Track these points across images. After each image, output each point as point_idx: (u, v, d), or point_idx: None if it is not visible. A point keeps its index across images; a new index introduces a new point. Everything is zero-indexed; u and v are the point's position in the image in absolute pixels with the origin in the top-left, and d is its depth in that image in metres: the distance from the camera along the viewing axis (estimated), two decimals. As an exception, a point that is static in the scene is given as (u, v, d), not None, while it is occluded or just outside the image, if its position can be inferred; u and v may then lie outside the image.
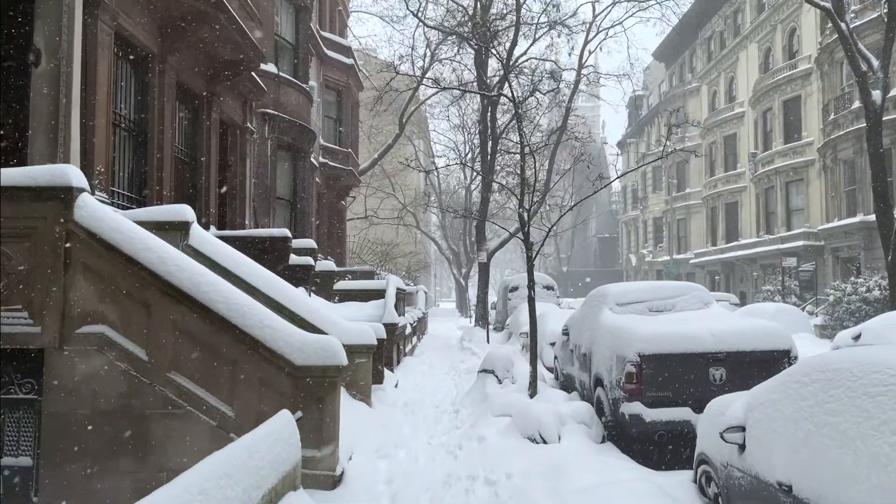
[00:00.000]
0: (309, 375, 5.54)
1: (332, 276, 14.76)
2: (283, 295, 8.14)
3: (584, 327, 9.21)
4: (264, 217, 15.45)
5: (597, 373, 8.07)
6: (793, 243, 29.80)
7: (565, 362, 10.37)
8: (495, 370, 10.01)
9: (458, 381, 12.44)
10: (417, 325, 20.18)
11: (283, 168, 16.59)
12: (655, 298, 8.68)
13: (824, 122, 27.86)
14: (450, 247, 47.81)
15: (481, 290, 22.37)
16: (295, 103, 16.53)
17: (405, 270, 30.57)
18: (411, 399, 10.10)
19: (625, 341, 7.22)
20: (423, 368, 14.37)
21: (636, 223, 58.01)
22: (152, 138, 10.23)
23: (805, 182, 30.45)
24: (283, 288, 8.28)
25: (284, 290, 8.25)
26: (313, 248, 14.53)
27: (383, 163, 37.01)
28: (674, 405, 6.87)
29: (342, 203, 26.53)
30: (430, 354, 17.68)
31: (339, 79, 23.62)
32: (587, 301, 9.68)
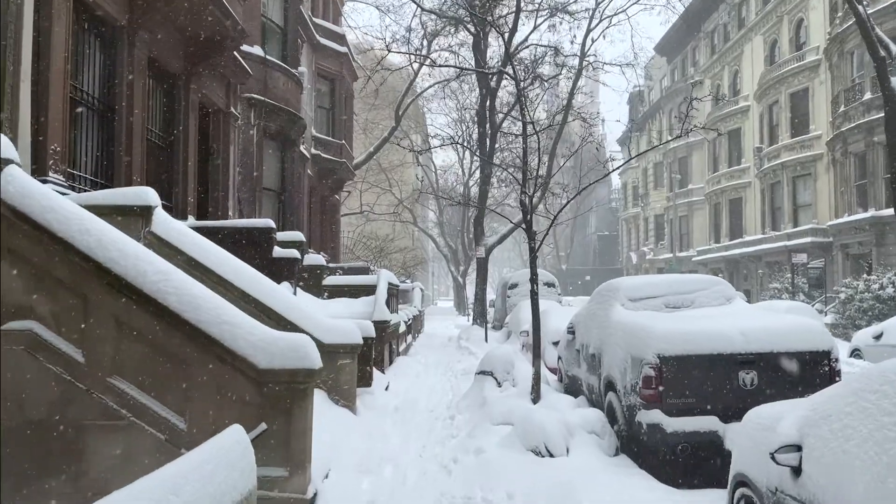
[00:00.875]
0: (275, 380, 4.69)
1: (321, 270, 13.91)
2: (260, 289, 7.30)
3: (593, 325, 8.37)
4: (250, 208, 14.60)
5: (608, 376, 7.23)
6: (800, 240, 28.99)
7: (570, 363, 9.53)
8: (494, 372, 9.16)
9: (454, 383, 11.60)
10: (412, 323, 19.32)
11: (270, 157, 15.73)
12: (672, 293, 7.84)
13: (833, 115, 27.03)
14: (447, 244, 46.97)
15: (479, 287, 21.53)
16: (283, 89, 15.67)
17: (400, 266, 29.69)
18: (403, 403, 9.26)
19: (642, 341, 6.37)
20: (417, 369, 13.52)
21: (637, 220, 57.20)
22: (121, 118, 9.38)
23: (813, 177, 29.63)
24: (260, 281, 7.43)
25: (261, 283, 7.40)
26: (301, 242, 13.68)
27: (380, 158, 36.18)
28: (698, 413, 6.03)
29: (336, 197, 25.68)
30: (425, 354, 16.84)
31: (333, 67, 22.76)
32: (595, 297, 8.84)
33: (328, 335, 7.16)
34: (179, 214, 11.28)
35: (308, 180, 20.83)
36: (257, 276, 7.43)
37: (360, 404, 7.84)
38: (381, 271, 12.29)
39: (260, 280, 7.41)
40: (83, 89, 8.71)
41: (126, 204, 6.90)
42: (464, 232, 44.85)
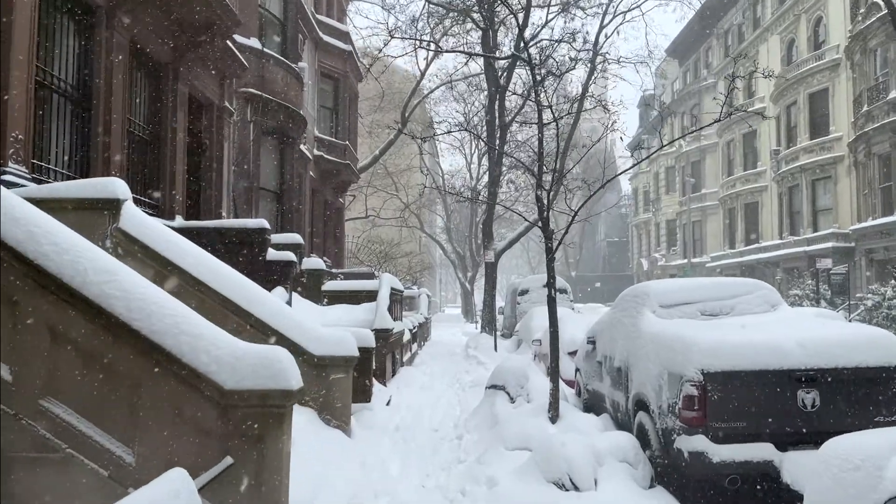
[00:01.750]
0: (243, 404, 3.82)
1: (320, 275, 13.07)
2: (243, 294, 6.45)
3: (617, 335, 7.47)
4: (245, 209, 13.78)
5: (638, 393, 6.33)
6: (820, 245, 27.96)
7: (591, 377, 8.63)
8: (506, 386, 8.28)
9: (462, 397, 10.71)
10: (418, 330, 18.45)
11: (268, 156, 14.92)
12: (709, 299, 6.94)
13: (856, 115, 26.05)
14: (455, 250, 46.09)
15: (488, 293, 20.63)
16: (282, 84, 14.87)
17: (406, 271, 28.81)
18: (405, 420, 8.38)
19: (682, 354, 5.47)
20: (422, 380, 12.64)
21: (648, 226, 56.18)
22: (98, 107, 8.57)
23: (833, 180, 28.61)
24: (244, 286, 6.58)
25: (244, 288, 6.55)
26: (299, 244, 12.85)
27: (386, 162, 35.39)
28: (749, 440, 5.12)
29: (340, 200, 24.87)
30: (431, 364, 15.95)
31: (336, 66, 21.98)
32: (619, 303, 7.94)
33: (319, 346, 6.30)
34: (166, 214, 10.47)
35: (310, 182, 20.03)
36: (240, 280, 6.57)
37: (356, 423, 6.97)
38: (383, 275, 11.44)
39: (243, 284, 6.56)
40: (54, 74, 7.91)
41: (90, 197, 6.07)
42: (471, 237, 43.97)
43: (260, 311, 6.36)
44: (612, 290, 63.32)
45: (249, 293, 6.49)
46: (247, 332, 6.29)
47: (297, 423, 5.34)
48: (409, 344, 15.09)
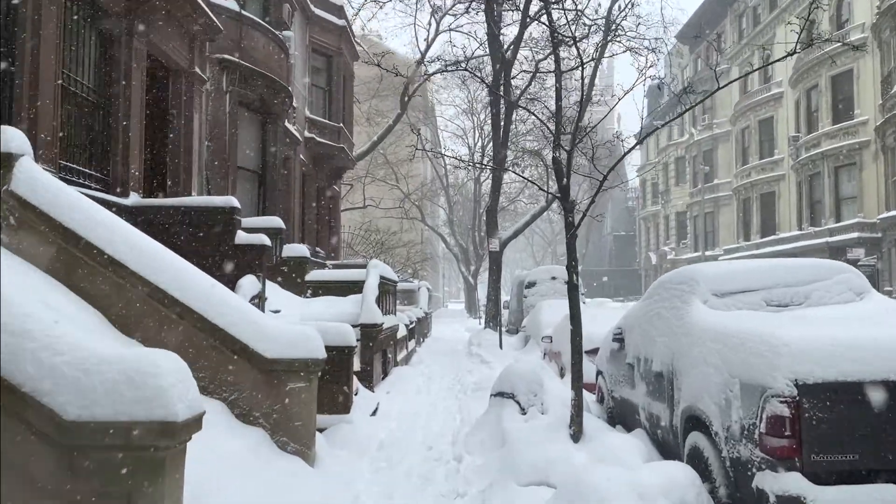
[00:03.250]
0: (95, 444, 2.34)
1: (303, 264, 11.60)
2: (177, 279, 4.96)
3: (655, 331, 5.98)
4: (221, 189, 12.30)
5: (690, 407, 4.84)
6: (844, 235, 26.39)
7: (618, 382, 7.13)
8: (516, 394, 6.79)
9: (463, 403, 9.22)
10: (416, 326, 16.98)
11: (247, 131, 13.43)
12: (776, 285, 5.43)
13: (884, 97, 24.43)
14: (458, 243, 44.58)
15: (492, 285, 19.11)
16: (263, 52, 13.37)
17: (404, 262, 27.27)
18: (393, 436, 6.89)
19: (762, 357, 3.97)
20: (418, 382, 11.15)
21: (656, 219, 54.57)
22: (22, 58, 7.10)
23: (858, 166, 26.99)
24: (179, 269, 5.09)
25: (180, 271, 5.06)
26: (278, 229, 11.39)
27: (386, 152, 33.87)
28: (865, 479, 3.64)
29: (335, 188, 23.38)
30: (430, 363, 14.47)
31: (329, 42, 20.46)
32: (655, 292, 6.45)
33: (271, 346, 4.82)
34: (117, 190, 8.99)
35: (300, 166, 18.55)
36: (175, 263, 5.09)
37: (325, 444, 5.49)
38: (371, 263, 9.96)
39: (179, 267, 5.07)
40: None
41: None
42: (474, 230, 42.48)
43: (197, 302, 4.87)
44: (620, 285, 61.82)
45: (186, 279, 5.00)
46: (177, 327, 4.82)
47: (236, 450, 3.88)
48: (405, 341, 13.61)
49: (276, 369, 4.85)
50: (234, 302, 5.03)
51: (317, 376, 5.09)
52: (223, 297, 5.03)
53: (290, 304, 10.71)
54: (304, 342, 4.91)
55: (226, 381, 4.85)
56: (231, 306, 4.94)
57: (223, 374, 4.85)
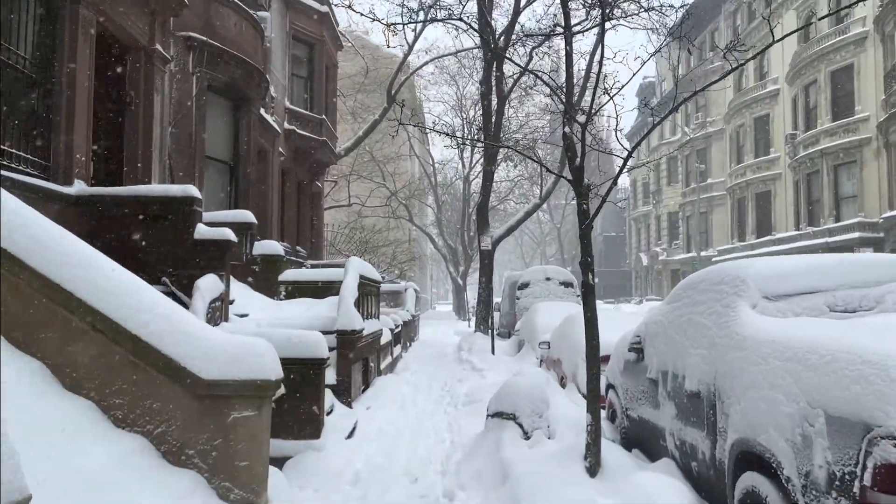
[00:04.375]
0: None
1: (276, 262, 10.50)
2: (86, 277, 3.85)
3: (688, 341, 4.95)
4: (186, 181, 11.15)
5: (744, 440, 3.81)
6: (844, 235, 25.58)
7: (635, 399, 6.10)
8: (518, 414, 5.73)
9: (454, 418, 8.16)
10: (402, 330, 15.89)
11: (218, 118, 12.29)
12: (840, 285, 4.42)
13: (887, 92, 23.64)
14: (446, 243, 43.50)
15: (484, 286, 18.04)
16: (235, 31, 12.24)
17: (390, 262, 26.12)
18: (370, 464, 5.81)
19: (863, 383, 2.94)
20: (403, 394, 10.07)
21: (647, 220, 53.81)
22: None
23: (859, 164, 26.21)
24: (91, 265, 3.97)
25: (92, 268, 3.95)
26: (249, 224, 10.30)
27: (373, 149, 32.76)
28: None
29: (317, 184, 22.22)
30: (416, 370, 13.39)
31: (311, 30, 19.33)
32: (684, 293, 5.42)
33: (210, 364, 3.73)
34: (59, 177, 7.86)
35: (280, 160, 17.42)
36: (87, 256, 3.98)
37: (284, 483, 4.41)
38: (350, 260, 8.86)
39: (91, 263, 3.96)
40: None
41: None
42: (463, 230, 41.44)
43: (115, 307, 3.77)
44: (611, 286, 60.98)
45: (99, 276, 3.89)
46: (88, 340, 3.72)
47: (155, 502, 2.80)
48: (389, 347, 12.52)
49: (215, 394, 3.76)
50: (165, 307, 3.93)
51: (270, 401, 4.00)
52: (151, 301, 3.93)
53: (261, 307, 9.62)
54: (253, 358, 3.82)
55: (150, 409, 3.76)
56: (158, 313, 3.84)
57: (147, 401, 3.77)
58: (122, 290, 3.90)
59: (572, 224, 65.36)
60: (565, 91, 5.26)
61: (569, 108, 5.18)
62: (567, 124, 5.20)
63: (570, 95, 5.25)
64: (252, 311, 9.26)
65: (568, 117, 5.13)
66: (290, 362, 5.67)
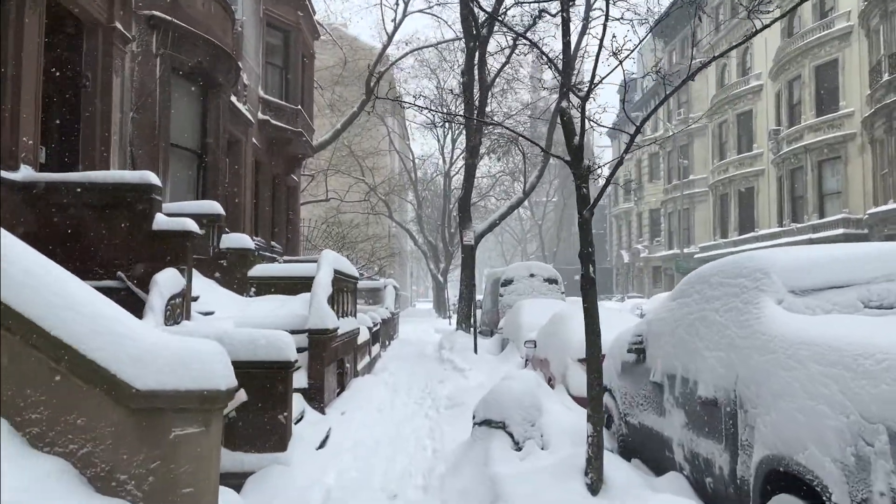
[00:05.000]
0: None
1: (245, 256, 9.84)
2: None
3: (702, 341, 4.42)
4: (149, 169, 10.43)
5: (777, 457, 3.27)
6: (828, 232, 25.37)
7: (636, 404, 5.56)
8: (508, 423, 5.16)
9: (435, 424, 7.58)
10: (381, 328, 15.28)
11: (184, 104, 11.58)
12: (877, 279, 3.90)
13: (872, 87, 23.42)
14: (426, 240, 42.87)
15: (465, 283, 17.45)
16: (203, 11, 11.54)
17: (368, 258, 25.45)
18: (344, 479, 5.21)
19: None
20: (381, 397, 9.47)
21: (628, 217, 53.62)
22: None
23: (843, 160, 26.01)
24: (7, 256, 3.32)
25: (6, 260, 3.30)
26: (216, 215, 9.64)
27: (351, 144, 32.04)
28: None
29: (293, 178, 21.50)
30: (396, 370, 12.79)
31: (286, 16, 18.61)
32: (693, 287, 4.89)
33: (146, 371, 3.11)
34: (3, 161, 7.15)
35: (253, 151, 16.71)
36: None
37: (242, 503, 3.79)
38: (324, 254, 8.24)
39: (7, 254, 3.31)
40: None
41: None
42: (444, 227, 40.84)
43: (31, 303, 3.13)
44: (591, 284, 60.60)
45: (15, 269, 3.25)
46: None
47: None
48: (367, 346, 11.90)
49: (152, 407, 3.14)
50: (91, 305, 3.29)
51: (220, 415, 3.38)
52: (74, 297, 3.29)
53: (228, 304, 8.96)
54: (198, 364, 3.20)
55: (73, 425, 3.14)
56: (82, 312, 3.20)
57: (69, 415, 3.14)
58: (41, 284, 3.26)
59: (553, 221, 65.04)
60: (563, 61, 4.70)
61: (566, 80, 4.61)
62: (563, 98, 4.64)
63: (567, 66, 4.69)
64: (218, 308, 8.61)
65: (566, 90, 4.57)
66: (254, 366, 5.06)
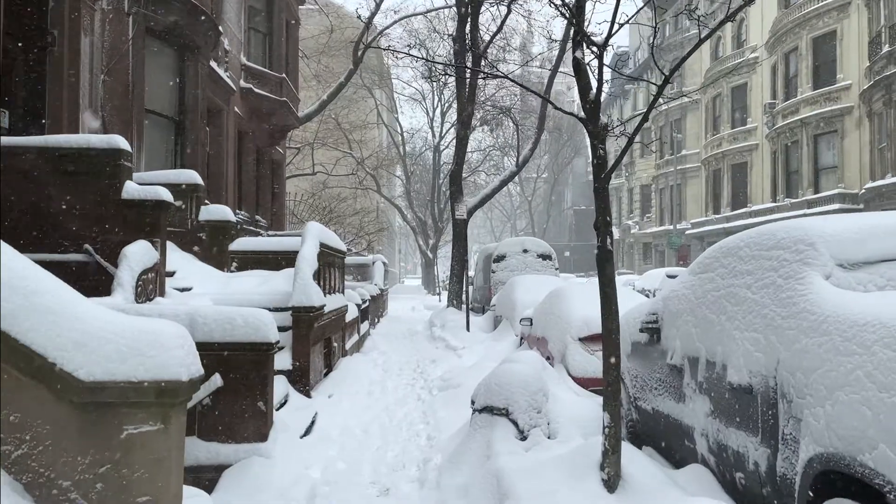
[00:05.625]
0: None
1: (225, 229, 9.27)
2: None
3: (731, 322, 3.95)
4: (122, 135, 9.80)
5: (835, 455, 2.81)
6: (824, 207, 25.03)
7: (649, 388, 5.12)
8: (512, 409, 4.70)
9: (429, 407, 7.13)
10: (371, 305, 14.80)
11: (160, 67, 10.91)
12: (938, 250, 3.43)
13: (872, 59, 22.93)
14: (416, 216, 42.27)
15: (456, 259, 16.95)
16: (179, -32, 10.81)
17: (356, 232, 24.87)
18: (331, 472, 4.74)
19: None
20: (370, 377, 8.99)
21: (619, 193, 53.19)
22: None
23: (840, 134, 25.60)
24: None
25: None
26: (194, 185, 9.05)
27: (339, 116, 31.26)
28: None
29: (278, 150, 20.81)
30: (386, 348, 12.33)
31: (270, -21, 17.81)
32: (719, 261, 4.42)
33: (91, 358, 2.59)
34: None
35: (236, 121, 16.04)
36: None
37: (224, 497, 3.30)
38: (308, 226, 7.69)
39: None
40: None
41: None
42: (433, 202, 40.25)
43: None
44: (581, 260, 60.43)
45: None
46: None
47: None
48: (356, 324, 11.42)
49: (100, 401, 2.63)
50: (27, 279, 2.76)
51: (183, 410, 2.87)
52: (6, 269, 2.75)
53: (207, 279, 8.41)
54: (156, 350, 2.68)
55: (6, 423, 2.63)
56: (15, 286, 2.67)
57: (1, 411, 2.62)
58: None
59: (542, 198, 64.49)
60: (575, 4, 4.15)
61: (580, 27, 4.07)
62: (577, 47, 4.10)
63: (581, 10, 4.14)
64: (197, 284, 8.07)
65: (580, 38, 4.03)
66: (231, 348, 4.56)
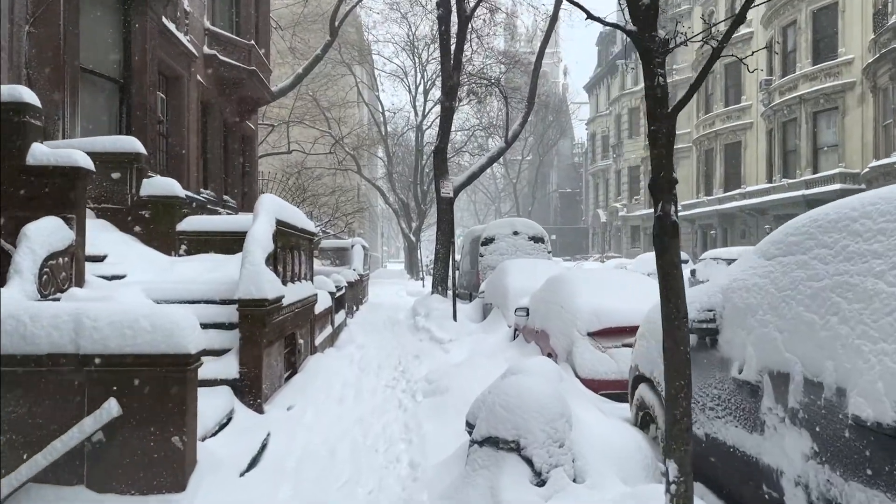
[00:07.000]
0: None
1: (172, 207, 7.89)
2: None
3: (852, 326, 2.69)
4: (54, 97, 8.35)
5: None
6: (823, 187, 24.01)
7: (703, 407, 3.88)
8: (525, 443, 3.43)
9: (412, 419, 5.86)
10: (347, 292, 13.48)
11: (98, 19, 9.43)
12: None
13: (877, 31, 21.81)
14: (398, 198, 40.85)
15: (441, 242, 15.61)
16: None
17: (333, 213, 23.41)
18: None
19: None
20: (344, 378, 7.70)
21: (606, 174, 52.06)
22: None
23: (840, 111, 24.53)
24: None
25: None
26: (135, 154, 7.69)
27: (316, 93, 29.66)
28: None
29: (249, 126, 19.29)
30: (363, 341, 11.03)
31: (236, -65, 16.24)
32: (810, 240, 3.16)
33: None
34: None
35: (200, 91, 14.55)
36: None
37: None
38: (261, 199, 6.33)
39: None
40: None
41: None
42: (416, 184, 38.86)
43: None
44: (567, 244, 59.34)
45: None
46: None
47: None
48: (329, 315, 10.10)
49: None
50: None
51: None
52: None
53: (147, 265, 7.05)
54: None
55: None
56: None
57: None
58: None
59: (528, 180, 63.22)
60: None
61: None
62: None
63: None
64: (132, 271, 6.72)
65: None
66: (133, 361, 3.26)
